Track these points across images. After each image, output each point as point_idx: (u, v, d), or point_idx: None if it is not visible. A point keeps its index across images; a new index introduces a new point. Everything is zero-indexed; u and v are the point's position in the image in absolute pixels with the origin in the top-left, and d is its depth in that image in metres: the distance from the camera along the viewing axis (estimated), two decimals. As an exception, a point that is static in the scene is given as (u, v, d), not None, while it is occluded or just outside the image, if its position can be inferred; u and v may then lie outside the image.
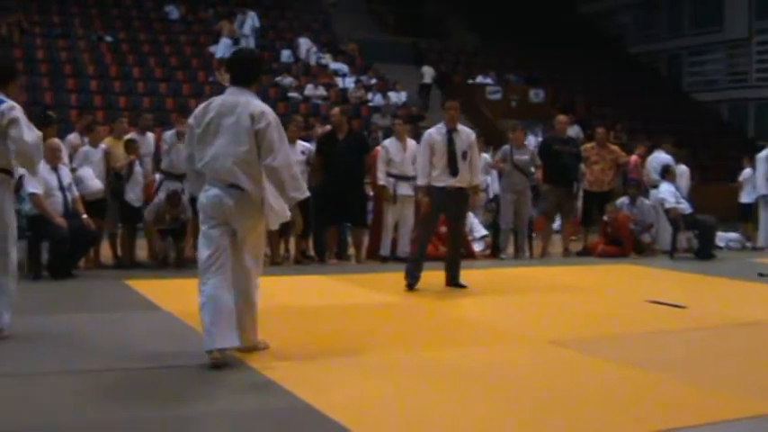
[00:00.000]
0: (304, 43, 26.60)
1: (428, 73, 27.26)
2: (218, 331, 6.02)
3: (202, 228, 6.30)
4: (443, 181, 9.97)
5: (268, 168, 6.12)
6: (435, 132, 10.19)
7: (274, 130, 6.13)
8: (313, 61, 26.23)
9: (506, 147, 13.71)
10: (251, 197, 6.16)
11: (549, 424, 4.96)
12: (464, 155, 10.03)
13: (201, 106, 6.43)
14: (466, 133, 10.23)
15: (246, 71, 6.46)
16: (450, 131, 10.11)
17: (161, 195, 11.69)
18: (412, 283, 9.99)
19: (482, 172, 12.78)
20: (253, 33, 25.85)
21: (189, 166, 6.57)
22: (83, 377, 5.78)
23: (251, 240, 6.34)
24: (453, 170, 9.95)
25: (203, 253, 6.20)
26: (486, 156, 15.40)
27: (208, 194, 6.23)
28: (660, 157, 15.26)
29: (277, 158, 6.10)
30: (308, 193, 6.49)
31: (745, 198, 17.13)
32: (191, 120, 6.46)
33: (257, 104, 6.22)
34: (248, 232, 6.29)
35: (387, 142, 12.99)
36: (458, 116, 10.31)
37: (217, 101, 6.34)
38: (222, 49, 24.48)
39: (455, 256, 10.38)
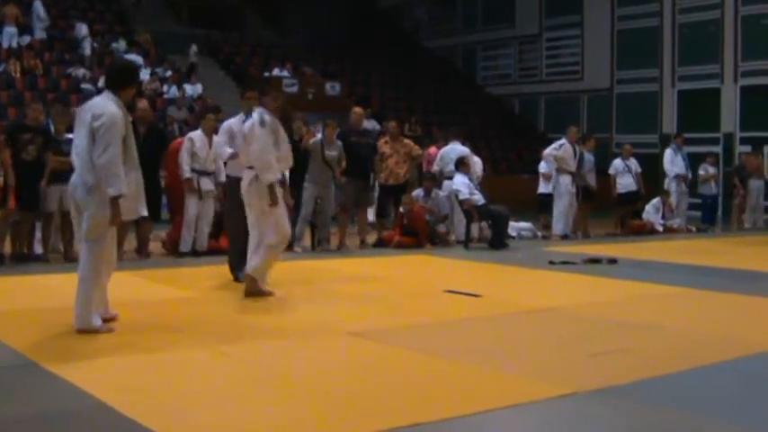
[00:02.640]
0: (81, 28, 25.47)
1: (193, 50, 26.91)
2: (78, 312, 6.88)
3: None
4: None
5: (94, 162, 6.73)
6: (235, 122, 10.16)
7: (107, 131, 6.72)
8: (88, 50, 25.19)
9: (318, 139, 13.72)
10: (90, 186, 6.77)
11: (350, 415, 4.91)
12: None
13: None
14: None
15: (111, 78, 7.31)
16: None
17: None
18: (239, 276, 9.81)
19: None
20: (39, 22, 24.81)
21: None
22: None
23: (87, 225, 6.85)
24: None
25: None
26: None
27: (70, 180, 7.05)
28: (457, 148, 15.51)
29: (102, 156, 6.69)
30: (124, 191, 6.85)
31: (543, 189, 17.76)
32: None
33: (103, 106, 6.86)
34: (88, 218, 6.83)
35: (194, 135, 12.63)
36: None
37: (90, 100, 7.19)
38: (7, 38, 23.42)
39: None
